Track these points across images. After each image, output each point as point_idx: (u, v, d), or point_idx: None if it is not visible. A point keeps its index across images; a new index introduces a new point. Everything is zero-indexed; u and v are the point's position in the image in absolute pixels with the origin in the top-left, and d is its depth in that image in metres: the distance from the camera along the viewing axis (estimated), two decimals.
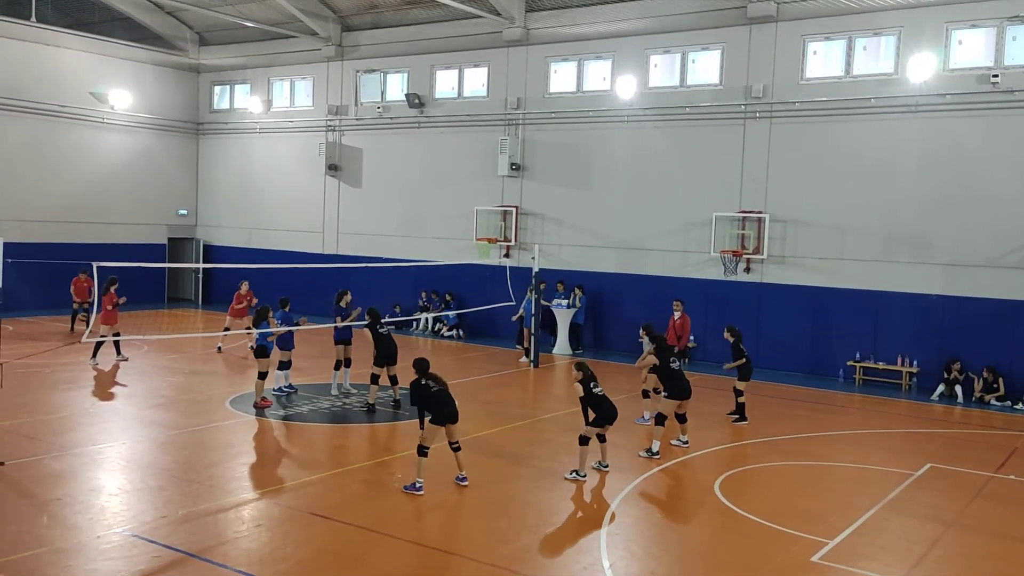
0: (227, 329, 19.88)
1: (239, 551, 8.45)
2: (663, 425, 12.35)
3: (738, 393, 14.95)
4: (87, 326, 17.95)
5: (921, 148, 18.62)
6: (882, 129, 19.04)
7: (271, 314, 14.87)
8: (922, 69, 18.10)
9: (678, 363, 12.84)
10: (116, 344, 18.12)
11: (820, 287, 19.71)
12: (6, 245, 10.55)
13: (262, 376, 14.56)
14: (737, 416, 14.77)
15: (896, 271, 18.96)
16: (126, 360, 18.19)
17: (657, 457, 12.13)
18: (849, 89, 19.34)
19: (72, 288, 21.90)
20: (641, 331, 14.76)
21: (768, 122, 20.25)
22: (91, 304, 21.36)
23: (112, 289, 17.85)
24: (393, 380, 14.88)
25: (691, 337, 19.23)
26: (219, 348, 20.03)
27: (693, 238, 21.14)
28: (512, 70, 23.82)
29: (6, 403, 11.19)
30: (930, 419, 16.19)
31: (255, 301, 19.99)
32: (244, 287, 20.16)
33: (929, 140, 18.54)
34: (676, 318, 17.11)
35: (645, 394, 14.43)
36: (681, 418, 12.81)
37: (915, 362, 18.63)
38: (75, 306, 21.97)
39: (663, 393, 12.66)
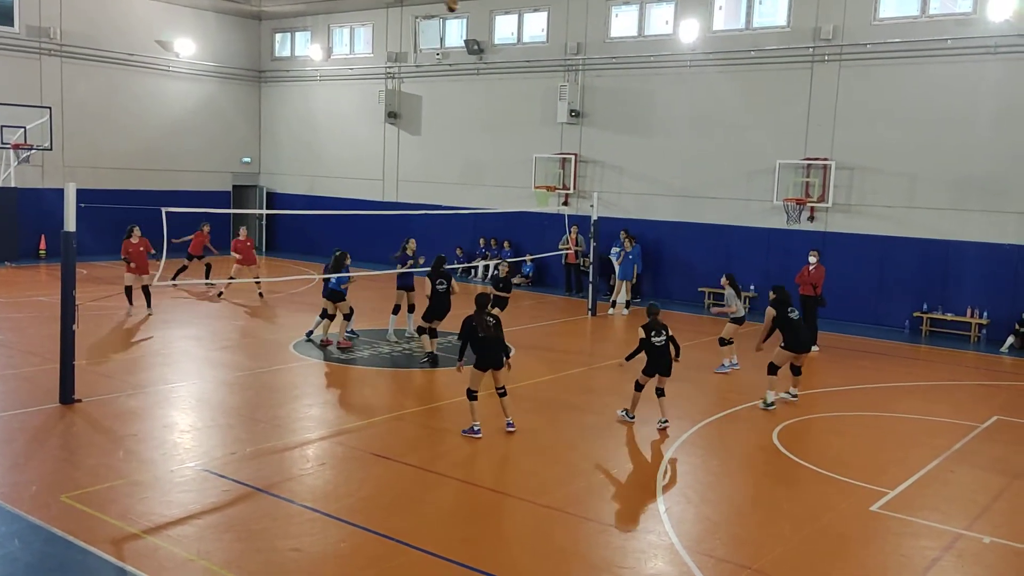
0: (232, 278, 19.53)
1: (304, 487, 8.74)
2: (775, 375, 12.03)
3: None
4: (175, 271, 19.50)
5: (999, 92, 17.84)
6: (958, 72, 18.27)
7: (348, 260, 15.34)
8: (1003, 8, 17.26)
9: (798, 313, 12.24)
10: (207, 270, 20.20)
11: (887, 236, 19.22)
12: (79, 191, 10.84)
13: (344, 318, 15.21)
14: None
15: (968, 220, 18.34)
16: (221, 293, 19.77)
17: (773, 408, 11.98)
18: (924, 30, 18.56)
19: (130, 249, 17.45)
20: (723, 279, 14.52)
21: (837, 65, 19.59)
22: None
23: (205, 230, 20.00)
24: (432, 333, 14.57)
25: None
26: (219, 294, 19.85)
27: (755, 186, 20.73)
28: (572, 15, 23.40)
29: (82, 343, 11.66)
30: (998, 371, 15.79)
31: (251, 242, 20.33)
32: (242, 232, 20.04)
33: (1008, 84, 17.74)
34: (811, 266, 16.09)
35: (722, 342, 14.32)
36: (796, 370, 12.42)
37: (985, 313, 18.11)
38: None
39: (780, 343, 12.19)
